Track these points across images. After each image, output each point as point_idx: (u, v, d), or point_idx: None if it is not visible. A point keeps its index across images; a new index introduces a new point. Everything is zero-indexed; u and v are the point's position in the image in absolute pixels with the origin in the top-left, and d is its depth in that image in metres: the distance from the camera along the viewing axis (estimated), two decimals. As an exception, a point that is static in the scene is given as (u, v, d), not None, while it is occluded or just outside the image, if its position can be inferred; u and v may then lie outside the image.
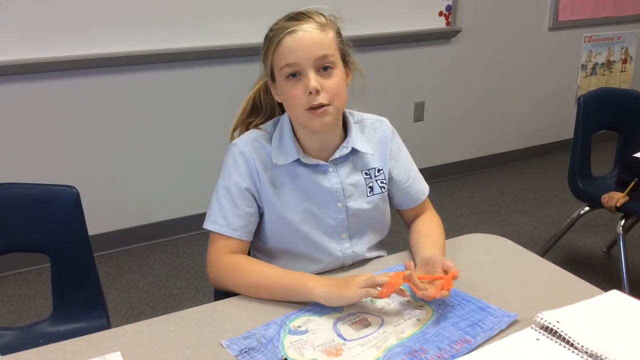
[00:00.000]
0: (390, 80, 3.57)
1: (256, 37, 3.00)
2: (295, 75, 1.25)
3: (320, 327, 1.15)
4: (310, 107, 1.24)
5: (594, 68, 4.36)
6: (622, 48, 4.42)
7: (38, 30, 2.64)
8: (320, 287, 1.20)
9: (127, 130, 2.96)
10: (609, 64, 4.41)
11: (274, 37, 1.25)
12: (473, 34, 3.79)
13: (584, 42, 4.24)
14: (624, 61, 4.46)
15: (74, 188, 1.47)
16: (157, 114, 3.01)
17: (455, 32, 3.72)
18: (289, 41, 1.23)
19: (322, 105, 1.24)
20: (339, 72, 1.27)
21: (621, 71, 4.48)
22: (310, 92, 1.23)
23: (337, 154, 1.35)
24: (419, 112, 3.79)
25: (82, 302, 1.51)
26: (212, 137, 3.14)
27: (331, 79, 1.25)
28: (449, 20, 3.66)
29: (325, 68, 1.25)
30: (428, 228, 1.45)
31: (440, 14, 3.63)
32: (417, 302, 1.22)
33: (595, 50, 4.31)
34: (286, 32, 1.23)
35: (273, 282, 1.25)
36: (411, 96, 3.75)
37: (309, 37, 1.23)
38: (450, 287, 1.18)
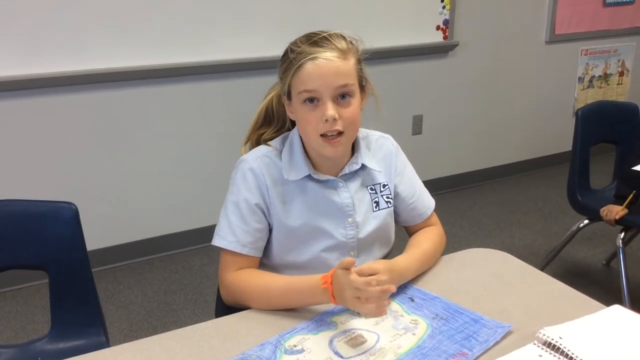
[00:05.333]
0: (388, 93, 3.54)
1: (256, 52, 3.06)
2: (313, 100, 1.25)
3: (316, 345, 1.14)
4: (324, 134, 1.25)
5: (591, 81, 4.38)
6: (619, 61, 4.44)
7: (37, 46, 2.64)
8: (326, 298, 1.19)
9: (126, 145, 2.96)
10: (605, 76, 4.42)
11: (294, 60, 1.25)
12: (470, 47, 3.81)
13: (581, 54, 4.26)
14: (621, 74, 4.48)
15: (73, 204, 1.46)
16: (155, 130, 3.01)
17: (453, 46, 3.74)
18: (310, 67, 1.23)
19: (337, 133, 1.25)
20: (356, 100, 1.28)
21: (618, 84, 4.49)
22: (326, 120, 1.23)
23: (347, 170, 1.36)
24: (417, 125, 3.80)
25: (81, 318, 1.50)
26: (211, 152, 3.14)
27: (349, 108, 1.26)
28: (446, 34, 3.68)
29: (344, 96, 1.26)
30: (415, 239, 1.45)
31: (438, 28, 3.65)
32: (410, 316, 1.22)
33: (592, 63, 4.33)
34: (308, 58, 1.23)
35: (281, 289, 1.25)
36: (409, 109, 3.75)
37: (331, 65, 1.23)
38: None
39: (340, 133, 1.26)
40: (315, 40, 1.26)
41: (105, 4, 2.72)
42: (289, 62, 1.27)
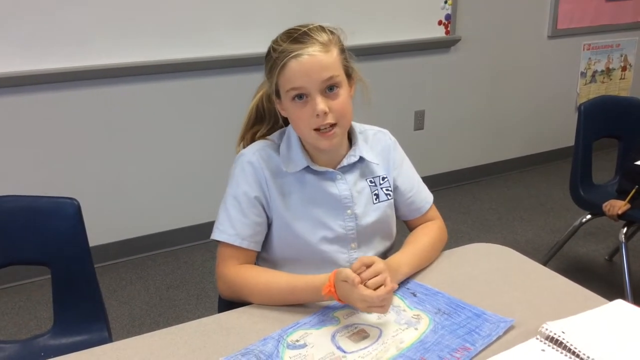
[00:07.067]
0: (390, 89, 3.58)
1: (256, 48, 3.06)
2: (302, 97, 1.25)
3: (318, 340, 1.14)
4: (318, 128, 1.25)
5: (593, 75, 4.36)
6: (621, 55, 4.42)
7: (38, 42, 2.64)
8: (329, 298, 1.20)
9: (127, 141, 2.96)
10: (608, 71, 4.41)
11: (277, 60, 1.24)
12: (472, 42, 3.80)
13: (583, 49, 4.25)
14: (623, 68, 4.47)
15: (75, 200, 1.47)
16: (157, 125, 3.01)
17: (455, 41, 3.73)
18: (293, 65, 1.23)
19: (330, 126, 1.25)
20: (344, 91, 1.28)
21: (620, 78, 4.48)
22: (317, 115, 1.23)
23: (345, 162, 1.37)
24: (420, 120, 3.80)
25: (84, 314, 1.50)
26: (212, 147, 3.14)
27: (338, 99, 1.26)
28: (449, 29, 3.67)
29: (331, 88, 1.25)
30: (413, 236, 1.45)
31: (440, 23, 3.64)
32: (412, 311, 1.22)
33: (594, 58, 4.32)
34: (290, 56, 1.23)
35: (283, 289, 1.25)
36: (411, 105, 3.75)
37: (314, 61, 1.23)
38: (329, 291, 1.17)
39: (333, 125, 1.26)
40: (296, 37, 1.25)
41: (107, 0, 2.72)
42: (272, 62, 1.26)
